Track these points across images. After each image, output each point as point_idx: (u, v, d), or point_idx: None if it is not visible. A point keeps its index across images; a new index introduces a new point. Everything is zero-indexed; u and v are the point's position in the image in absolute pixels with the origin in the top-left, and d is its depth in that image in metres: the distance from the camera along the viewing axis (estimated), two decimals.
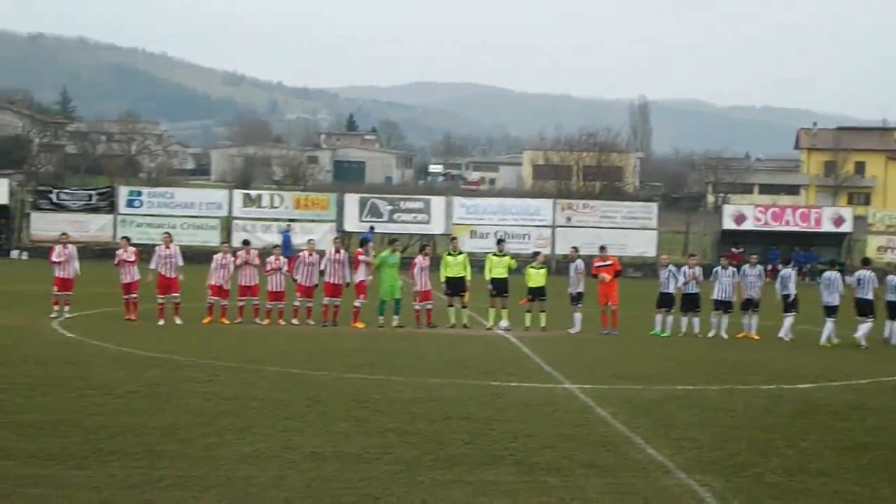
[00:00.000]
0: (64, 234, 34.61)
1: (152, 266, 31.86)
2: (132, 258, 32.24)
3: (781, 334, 31.98)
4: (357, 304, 32.08)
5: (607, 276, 32.56)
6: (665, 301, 32.53)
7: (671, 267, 33.12)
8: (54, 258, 32.48)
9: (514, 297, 32.67)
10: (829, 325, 31.17)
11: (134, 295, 31.94)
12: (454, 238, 36.67)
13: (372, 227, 60.36)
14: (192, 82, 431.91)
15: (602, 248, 34.31)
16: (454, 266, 32.73)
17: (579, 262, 33.12)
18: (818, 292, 32.36)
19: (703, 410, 19.41)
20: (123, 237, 34.58)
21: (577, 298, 32.56)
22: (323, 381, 21.52)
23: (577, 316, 32.35)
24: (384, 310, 32.33)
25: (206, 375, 21.62)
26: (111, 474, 13.45)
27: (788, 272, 32.92)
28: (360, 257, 32.90)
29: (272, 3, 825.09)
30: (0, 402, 17.99)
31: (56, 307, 31.95)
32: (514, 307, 32.63)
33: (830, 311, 31.24)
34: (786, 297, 32.53)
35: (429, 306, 32.49)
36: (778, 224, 67.15)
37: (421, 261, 32.89)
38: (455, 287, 32.69)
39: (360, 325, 31.63)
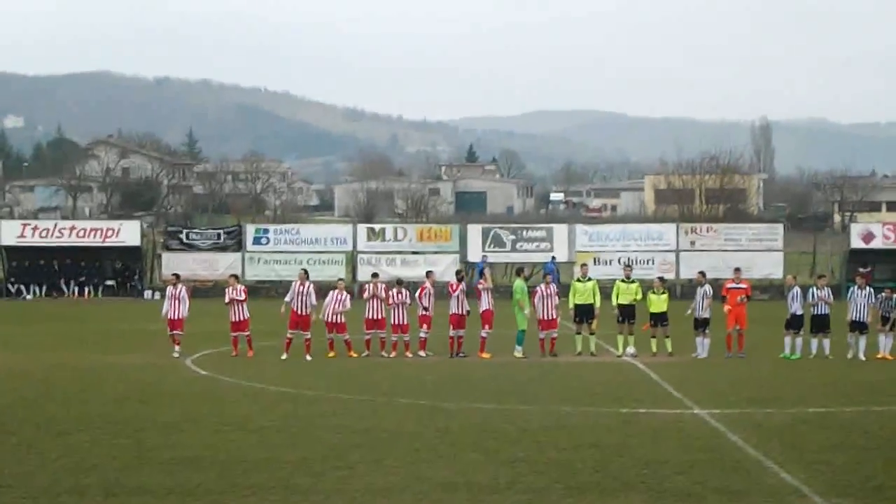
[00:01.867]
0: (174, 274, 35.32)
1: (287, 299, 32.27)
2: (242, 297, 32.53)
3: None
4: (483, 334, 32.15)
5: (736, 300, 32.18)
6: (794, 323, 32.03)
7: (797, 288, 32.64)
8: (167, 297, 33.16)
9: (638, 322, 32.49)
10: None
11: (245, 332, 32.33)
12: (584, 265, 36.41)
13: (484, 256, 60.11)
14: (314, 119, 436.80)
15: (737, 270, 34.03)
16: (583, 293, 32.56)
17: (707, 288, 32.77)
18: None
19: (836, 433, 19.15)
20: (232, 275, 35.11)
21: (703, 324, 32.19)
22: (451, 411, 21.68)
23: (705, 341, 31.98)
24: (523, 339, 32.20)
25: (336, 409, 21.92)
26: None
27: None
28: (480, 286, 33.01)
29: (389, 41, 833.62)
30: (139, 438, 18.47)
31: (177, 346, 32.49)
32: (639, 333, 32.45)
33: None
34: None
35: (553, 335, 32.43)
36: None
37: (543, 289, 32.79)
38: (584, 314, 32.57)
39: (486, 354, 31.67)
